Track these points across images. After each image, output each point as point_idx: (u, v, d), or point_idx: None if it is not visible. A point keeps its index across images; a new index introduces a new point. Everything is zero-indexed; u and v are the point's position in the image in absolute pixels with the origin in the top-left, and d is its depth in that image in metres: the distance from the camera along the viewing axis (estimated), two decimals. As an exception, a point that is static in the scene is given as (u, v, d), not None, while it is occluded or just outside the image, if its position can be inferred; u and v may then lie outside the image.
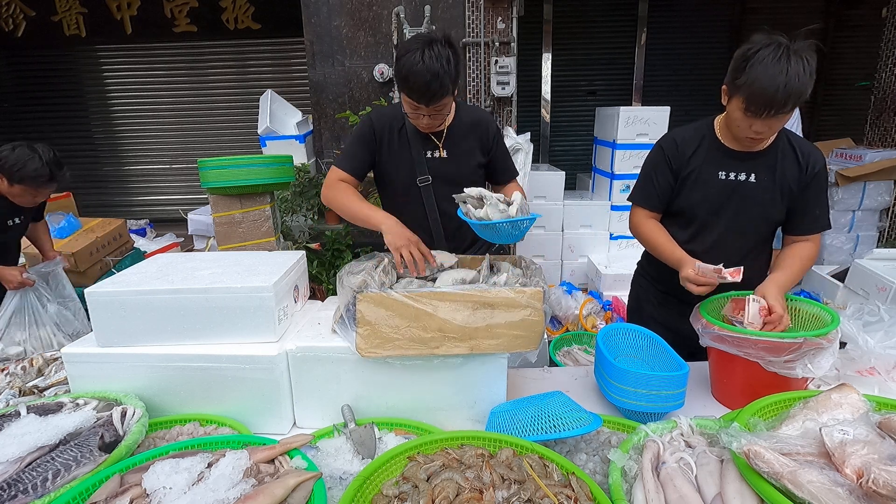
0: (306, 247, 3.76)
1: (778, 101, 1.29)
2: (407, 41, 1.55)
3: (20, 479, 0.93)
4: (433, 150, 1.77)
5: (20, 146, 2.22)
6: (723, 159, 1.55)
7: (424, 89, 1.48)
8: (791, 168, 1.51)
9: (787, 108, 1.31)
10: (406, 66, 1.47)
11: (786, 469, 0.76)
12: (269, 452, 0.99)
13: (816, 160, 1.51)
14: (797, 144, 1.53)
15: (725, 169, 1.54)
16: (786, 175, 1.51)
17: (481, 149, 1.82)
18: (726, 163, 1.54)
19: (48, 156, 2.25)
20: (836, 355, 1.25)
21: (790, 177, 1.51)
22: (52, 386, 1.43)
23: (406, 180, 1.77)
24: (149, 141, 5.97)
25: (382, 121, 1.75)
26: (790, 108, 1.32)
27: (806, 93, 1.31)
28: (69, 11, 5.46)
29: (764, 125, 1.37)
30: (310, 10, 3.76)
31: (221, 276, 1.30)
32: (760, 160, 1.52)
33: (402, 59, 1.49)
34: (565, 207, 3.86)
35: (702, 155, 1.57)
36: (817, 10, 5.75)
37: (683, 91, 5.90)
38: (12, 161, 2.18)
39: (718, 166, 1.55)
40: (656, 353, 1.43)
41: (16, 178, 2.20)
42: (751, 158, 1.53)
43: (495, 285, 1.27)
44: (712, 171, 1.55)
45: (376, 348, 1.18)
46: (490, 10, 3.68)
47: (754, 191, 1.53)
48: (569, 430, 1.07)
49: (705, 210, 1.58)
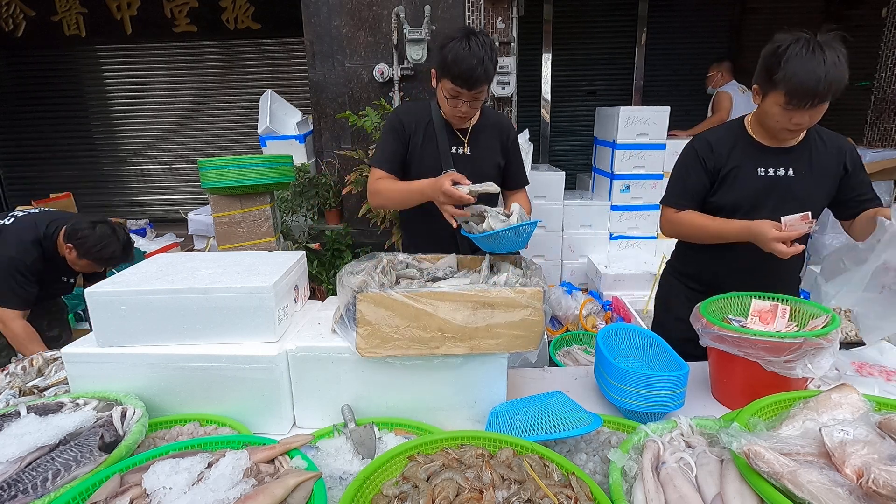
0: (306, 247, 3.76)
1: (821, 92, 1.36)
2: (447, 33, 1.64)
3: (20, 479, 0.93)
4: (458, 145, 1.82)
5: (101, 224, 2.21)
6: (759, 156, 1.58)
7: (469, 74, 1.55)
8: (827, 159, 1.56)
9: (828, 97, 1.37)
10: (453, 51, 1.55)
11: (786, 469, 0.76)
12: (269, 452, 0.99)
13: (845, 147, 1.57)
14: (825, 136, 1.59)
15: (763, 165, 1.57)
16: (823, 166, 1.56)
17: (501, 150, 1.88)
18: (763, 159, 1.58)
19: (124, 238, 2.25)
20: (836, 355, 1.25)
21: (827, 167, 1.56)
22: (52, 386, 1.43)
23: (431, 174, 1.78)
24: (149, 141, 5.97)
25: (410, 115, 1.79)
26: (830, 97, 1.38)
27: (844, 80, 1.37)
28: (69, 11, 5.46)
29: (805, 116, 1.43)
30: (310, 10, 3.76)
31: (221, 276, 1.29)
32: (795, 154, 1.56)
33: (448, 46, 1.57)
34: (565, 207, 3.86)
35: (739, 152, 1.60)
36: (817, 10, 5.76)
37: (683, 91, 5.90)
38: (93, 241, 2.17)
39: (756, 163, 1.58)
40: (656, 353, 1.43)
41: (92, 257, 2.20)
42: (785, 153, 1.56)
43: (495, 285, 1.27)
44: (751, 168, 1.58)
45: (376, 348, 1.18)
46: (490, 10, 3.68)
47: (793, 184, 1.56)
48: (569, 430, 1.07)
49: (747, 206, 1.59)
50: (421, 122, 1.79)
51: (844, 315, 3.07)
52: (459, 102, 1.65)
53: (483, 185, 1.52)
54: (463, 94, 1.61)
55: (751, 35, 5.84)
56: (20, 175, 6.12)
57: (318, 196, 3.98)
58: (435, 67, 1.68)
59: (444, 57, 1.58)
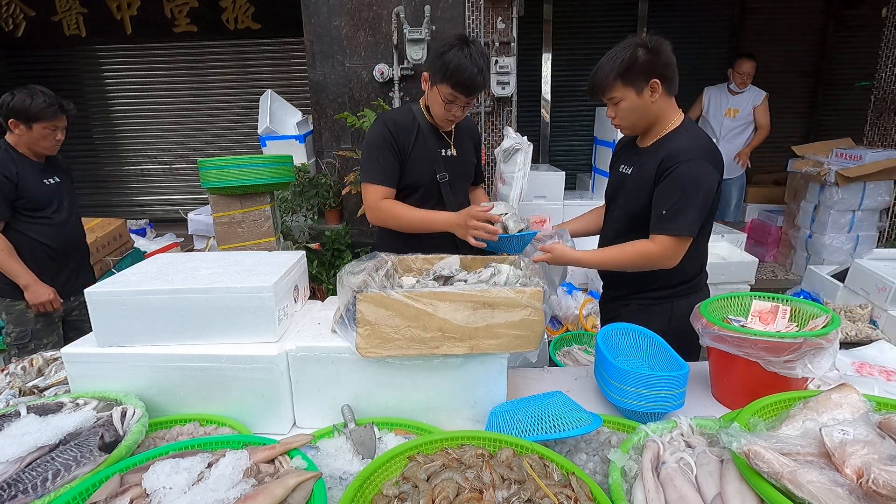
0: (306, 247, 3.76)
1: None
2: (443, 39, 1.71)
3: (20, 479, 0.93)
4: (446, 148, 1.87)
5: (16, 91, 2.25)
6: (625, 154, 1.73)
7: (471, 81, 1.63)
8: (651, 164, 1.55)
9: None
10: (455, 60, 1.61)
11: (786, 469, 0.76)
12: (269, 452, 0.99)
13: (676, 161, 1.47)
14: (672, 145, 1.52)
15: (623, 163, 1.71)
16: (647, 170, 1.56)
17: (475, 150, 2.01)
18: (625, 157, 1.72)
19: (44, 89, 2.30)
20: (837, 355, 1.25)
21: (648, 172, 1.55)
22: (52, 386, 1.43)
23: (425, 179, 1.83)
24: (149, 141, 5.97)
25: (398, 125, 1.79)
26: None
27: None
28: (69, 11, 5.45)
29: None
30: (310, 10, 3.76)
31: (221, 276, 1.29)
32: (641, 155, 1.62)
33: (448, 53, 1.62)
34: (565, 207, 3.86)
35: (622, 150, 1.76)
36: (817, 10, 5.75)
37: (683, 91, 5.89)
38: (19, 103, 2.21)
39: (621, 161, 1.74)
40: (656, 353, 1.43)
41: (32, 117, 2.23)
42: (637, 154, 1.64)
43: (495, 285, 1.27)
44: (617, 165, 1.75)
45: (376, 348, 1.18)
46: (490, 10, 3.68)
47: (628, 183, 1.65)
48: (569, 430, 1.07)
49: (607, 198, 1.80)
50: (409, 128, 1.80)
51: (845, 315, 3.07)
52: (455, 107, 1.71)
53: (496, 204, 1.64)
54: (459, 99, 1.68)
55: (751, 35, 5.84)
56: (20, 175, 6.11)
57: (318, 196, 3.98)
58: (430, 72, 1.71)
59: (446, 64, 1.62)
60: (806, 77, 5.85)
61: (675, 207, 1.46)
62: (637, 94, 1.50)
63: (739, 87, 4.25)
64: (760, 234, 4.64)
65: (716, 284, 3.32)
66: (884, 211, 3.94)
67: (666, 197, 1.48)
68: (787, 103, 5.92)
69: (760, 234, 4.65)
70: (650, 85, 1.49)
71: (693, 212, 1.46)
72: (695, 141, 1.52)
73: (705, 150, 1.50)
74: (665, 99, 1.53)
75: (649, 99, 1.50)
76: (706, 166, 1.47)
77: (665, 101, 1.54)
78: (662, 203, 1.49)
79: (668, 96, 1.54)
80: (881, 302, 3.01)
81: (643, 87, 1.49)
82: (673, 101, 1.57)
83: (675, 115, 1.58)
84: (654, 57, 1.47)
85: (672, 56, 1.50)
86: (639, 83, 1.49)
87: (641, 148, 1.63)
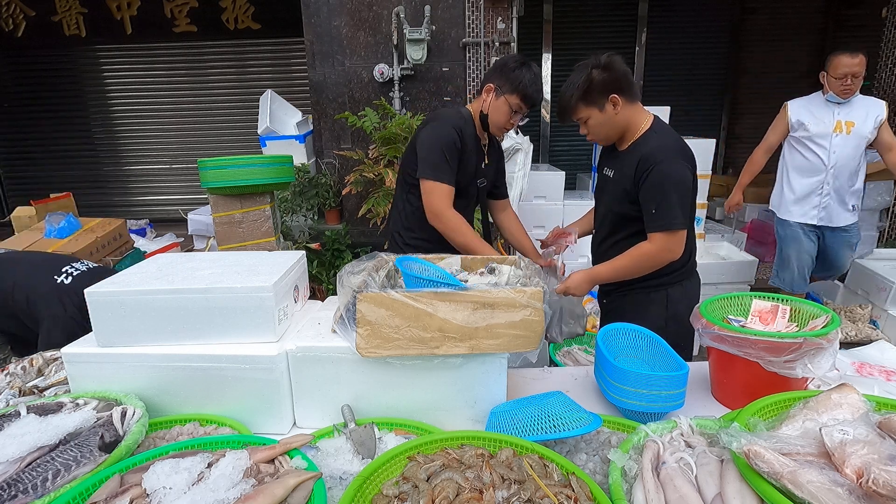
0: (306, 247, 3.76)
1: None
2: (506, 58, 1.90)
3: (20, 479, 0.93)
4: (481, 157, 2.01)
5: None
6: (606, 157, 1.85)
7: (538, 96, 1.86)
8: (629, 166, 1.65)
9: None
10: (528, 78, 1.81)
11: (786, 469, 0.76)
12: (269, 452, 0.99)
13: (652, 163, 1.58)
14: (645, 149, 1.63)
15: (606, 165, 1.83)
16: (626, 172, 1.66)
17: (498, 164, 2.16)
18: (606, 160, 1.84)
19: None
20: (836, 355, 1.25)
21: (627, 174, 1.65)
22: (52, 386, 1.42)
23: (467, 183, 1.95)
24: (149, 141, 5.97)
25: (463, 132, 1.89)
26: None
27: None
28: (69, 11, 5.46)
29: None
30: (310, 10, 3.76)
31: (221, 276, 1.29)
32: (620, 158, 1.72)
33: (521, 69, 1.81)
34: (565, 207, 3.86)
35: (605, 153, 1.87)
36: (817, 11, 5.76)
37: (683, 91, 5.90)
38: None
39: (604, 163, 1.85)
40: (656, 353, 1.43)
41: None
42: (616, 157, 1.75)
43: (496, 285, 1.27)
44: (601, 168, 1.86)
45: (376, 348, 1.18)
46: (490, 10, 3.68)
47: (609, 184, 1.78)
48: (569, 430, 1.07)
49: (595, 199, 1.96)
50: (469, 134, 1.91)
51: (845, 315, 3.07)
52: (517, 118, 1.89)
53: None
54: (522, 111, 1.87)
55: (751, 35, 5.84)
56: (20, 175, 6.12)
57: (318, 196, 3.98)
58: (500, 84, 1.84)
59: (520, 78, 1.80)
60: (806, 77, 5.85)
61: (661, 205, 1.58)
62: (600, 110, 1.64)
63: (842, 96, 2.84)
64: (760, 234, 4.64)
65: (716, 284, 3.34)
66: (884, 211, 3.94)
67: (650, 198, 1.60)
68: (787, 103, 5.93)
69: (760, 234, 4.64)
70: (610, 100, 1.62)
71: (676, 206, 1.58)
72: (664, 140, 1.64)
73: (675, 149, 1.62)
74: (629, 107, 1.65)
75: (612, 112, 1.63)
76: (679, 163, 1.59)
77: (629, 109, 1.65)
78: (649, 203, 1.60)
79: (630, 104, 1.65)
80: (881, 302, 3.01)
81: (604, 103, 1.62)
82: (638, 105, 1.68)
83: (643, 119, 1.69)
84: (608, 74, 1.60)
85: (625, 67, 1.63)
86: (599, 101, 1.62)
87: (620, 151, 1.75)
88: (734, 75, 5.99)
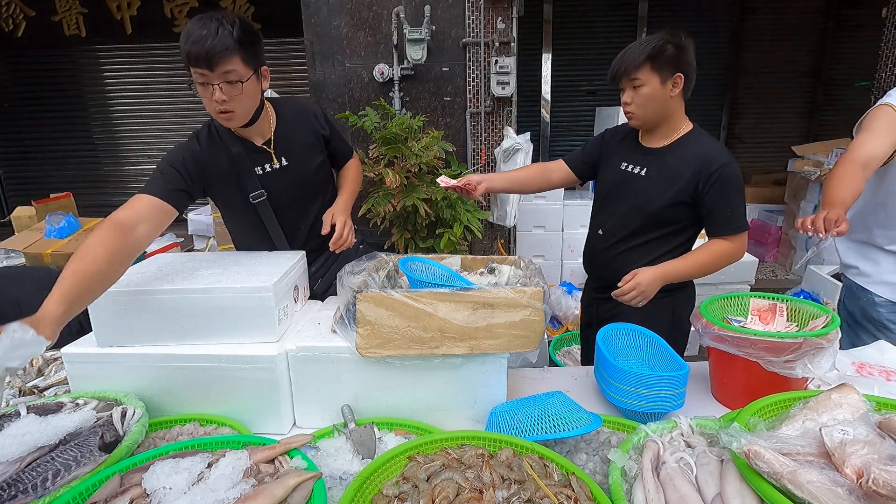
0: (306, 247, 3.75)
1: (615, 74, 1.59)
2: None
3: (20, 479, 0.93)
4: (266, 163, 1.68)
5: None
6: (628, 153, 1.73)
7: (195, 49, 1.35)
8: (676, 166, 1.59)
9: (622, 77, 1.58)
10: (185, 32, 1.35)
11: (786, 469, 0.76)
12: (269, 452, 0.99)
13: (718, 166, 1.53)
14: (700, 150, 1.58)
15: (627, 161, 1.72)
16: (672, 172, 1.60)
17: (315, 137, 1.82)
18: (627, 156, 1.72)
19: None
20: (836, 355, 1.25)
21: (675, 174, 1.59)
22: (52, 386, 1.43)
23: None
24: (149, 141, 5.96)
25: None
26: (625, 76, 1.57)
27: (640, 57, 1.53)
28: (69, 11, 5.45)
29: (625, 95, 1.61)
30: (310, 10, 3.76)
31: (221, 276, 1.30)
32: (654, 157, 1.65)
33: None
34: (565, 207, 3.86)
35: (618, 146, 1.78)
36: (817, 11, 5.75)
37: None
38: None
39: (621, 158, 1.74)
40: (656, 353, 1.43)
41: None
42: (646, 154, 1.67)
43: (496, 285, 1.27)
44: (616, 162, 1.75)
45: (376, 348, 1.18)
46: (490, 10, 3.67)
47: (641, 182, 1.66)
48: (569, 430, 1.07)
49: (602, 193, 1.82)
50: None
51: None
52: (210, 91, 1.39)
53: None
54: (208, 76, 1.34)
55: (751, 35, 5.84)
56: (20, 175, 6.12)
57: (318, 196, 3.98)
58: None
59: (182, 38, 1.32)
60: (806, 77, 5.85)
61: (734, 208, 1.57)
62: (661, 82, 1.54)
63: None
64: (760, 234, 4.64)
65: (716, 284, 3.34)
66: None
67: (724, 200, 1.56)
68: (787, 103, 5.93)
69: (760, 234, 4.65)
70: (674, 78, 1.53)
71: (745, 208, 1.59)
72: (717, 143, 1.61)
73: (728, 151, 1.60)
74: (680, 100, 1.59)
75: (670, 91, 1.55)
76: (737, 166, 1.57)
77: (679, 102, 1.59)
78: (723, 207, 1.57)
79: (682, 98, 1.59)
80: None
81: (668, 77, 1.53)
82: (683, 105, 1.62)
83: (684, 120, 1.65)
84: (682, 53, 1.53)
85: (694, 59, 1.56)
86: (665, 72, 1.53)
87: (652, 148, 1.66)
88: (734, 75, 5.99)
